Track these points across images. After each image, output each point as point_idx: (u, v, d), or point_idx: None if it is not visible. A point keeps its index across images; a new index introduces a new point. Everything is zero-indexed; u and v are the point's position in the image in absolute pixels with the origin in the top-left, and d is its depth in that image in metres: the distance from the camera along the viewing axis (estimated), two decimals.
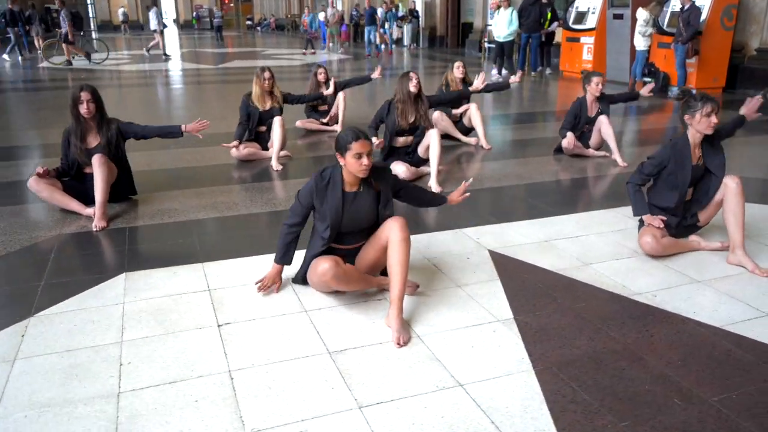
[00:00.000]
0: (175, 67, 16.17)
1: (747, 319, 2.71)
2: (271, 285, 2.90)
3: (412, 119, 4.80)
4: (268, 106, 5.52)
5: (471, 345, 2.49)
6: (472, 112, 6.09)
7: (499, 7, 11.95)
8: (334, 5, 21.39)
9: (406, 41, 22.26)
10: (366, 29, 18.69)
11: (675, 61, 9.60)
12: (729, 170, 3.36)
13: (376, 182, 2.77)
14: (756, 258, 3.32)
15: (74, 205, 3.97)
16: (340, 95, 6.70)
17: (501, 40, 11.79)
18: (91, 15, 41.32)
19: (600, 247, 3.51)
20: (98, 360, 2.37)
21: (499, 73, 12.14)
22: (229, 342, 2.50)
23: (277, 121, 5.34)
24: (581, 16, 12.33)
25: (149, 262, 3.30)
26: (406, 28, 22.16)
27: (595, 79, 5.38)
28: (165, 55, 18.28)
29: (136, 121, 4.34)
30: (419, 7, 22.02)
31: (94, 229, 3.73)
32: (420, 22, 22.01)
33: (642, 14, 10.01)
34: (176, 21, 47.56)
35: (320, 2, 25.65)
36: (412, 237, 3.61)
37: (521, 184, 4.88)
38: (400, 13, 23.07)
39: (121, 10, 38.37)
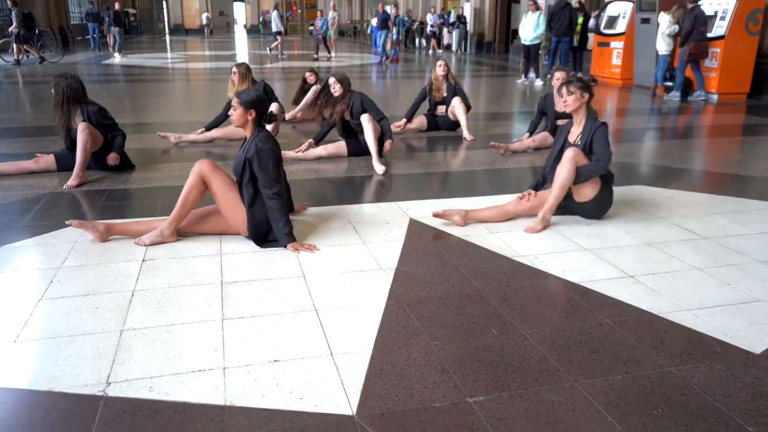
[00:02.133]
0: (213, 65, 17.07)
1: (608, 278, 2.97)
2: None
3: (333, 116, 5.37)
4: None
5: (344, 284, 2.88)
6: (456, 105, 6.42)
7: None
8: (335, 9, 20.92)
9: (453, 47, 22.56)
10: (378, 33, 18.25)
11: (690, 66, 9.61)
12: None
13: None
14: (637, 227, 3.56)
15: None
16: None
17: (527, 43, 11.98)
18: (165, 19, 43.75)
19: (515, 221, 3.80)
20: (35, 278, 2.90)
21: (526, 76, 12.31)
22: (145, 272, 2.98)
23: (273, 107, 5.85)
24: (612, 21, 12.36)
25: (112, 215, 3.84)
26: (455, 34, 22.47)
27: (556, 74, 5.57)
28: (281, 54, 19.90)
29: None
30: (467, 12, 22.28)
31: (65, 188, 4.38)
32: (467, 28, 22.27)
33: (664, 18, 10.02)
34: (245, 26, 49.49)
35: (374, 7, 26.22)
36: (348, 206, 4.04)
37: (480, 170, 5.19)
38: (451, 20, 23.41)
39: (204, 15, 40.53)
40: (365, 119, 5.07)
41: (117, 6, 19.80)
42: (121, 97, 10.03)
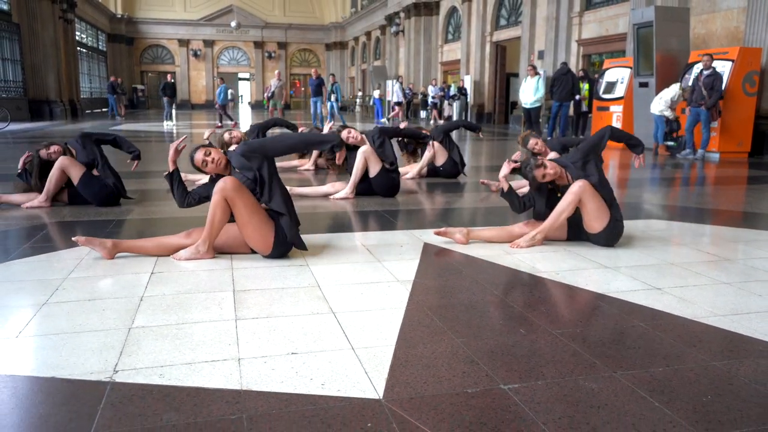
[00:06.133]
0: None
1: (635, 290, 2.86)
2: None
3: None
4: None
5: (361, 293, 2.77)
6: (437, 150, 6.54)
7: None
8: (280, 78, 19.53)
9: (454, 117, 23.03)
10: (311, 100, 17.56)
11: (701, 124, 9.62)
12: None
13: None
14: (657, 251, 3.46)
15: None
16: None
17: (528, 106, 12.24)
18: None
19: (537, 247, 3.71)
20: (40, 287, 2.79)
21: None
22: (154, 282, 2.87)
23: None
24: (611, 86, 12.66)
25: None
26: (455, 105, 23.02)
27: (531, 140, 5.23)
28: (408, 118, 20.27)
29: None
30: (468, 85, 22.93)
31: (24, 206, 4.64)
32: (468, 99, 22.84)
33: (674, 89, 10.05)
34: (249, 102, 50.83)
35: (377, 82, 27.03)
36: (359, 233, 3.96)
37: (491, 206, 5.15)
38: (451, 93, 24.06)
39: (229, 92, 41.74)
40: (361, 151, 5.14)
41: (169, 78, 20.61)
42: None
